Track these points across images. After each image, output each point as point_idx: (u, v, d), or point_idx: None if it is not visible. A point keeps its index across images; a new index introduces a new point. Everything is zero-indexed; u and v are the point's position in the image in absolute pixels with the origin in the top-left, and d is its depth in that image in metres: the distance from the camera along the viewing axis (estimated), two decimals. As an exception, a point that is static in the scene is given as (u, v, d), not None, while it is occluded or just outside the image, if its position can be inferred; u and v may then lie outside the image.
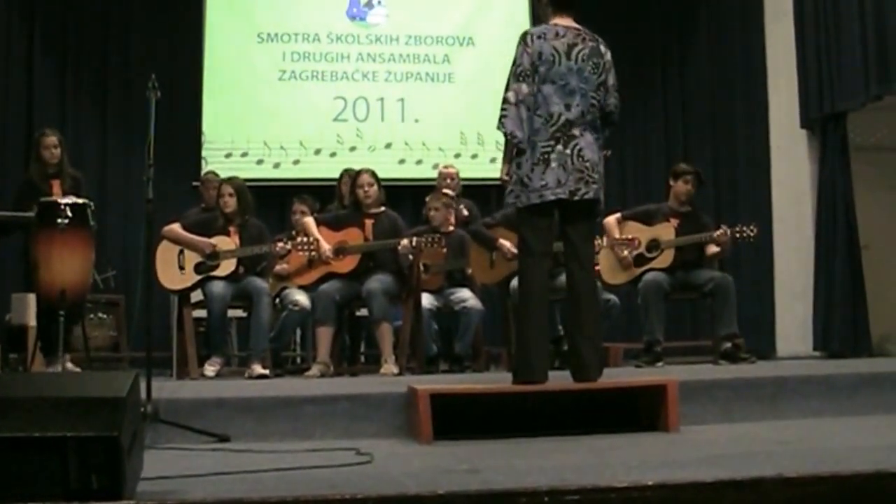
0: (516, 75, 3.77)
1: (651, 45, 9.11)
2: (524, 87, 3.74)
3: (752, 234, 5.85)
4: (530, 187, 3.72)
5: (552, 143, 3.71)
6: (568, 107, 3.74)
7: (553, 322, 5.77)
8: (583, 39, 3.82)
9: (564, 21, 3.86)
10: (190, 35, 8.31)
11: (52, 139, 5.65)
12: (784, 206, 7.58)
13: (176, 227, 5.60)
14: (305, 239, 5.54)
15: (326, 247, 5.59)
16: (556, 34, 3.79)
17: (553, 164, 3.70)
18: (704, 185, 6.16)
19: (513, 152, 3.80)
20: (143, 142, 3.75)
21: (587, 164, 3.74)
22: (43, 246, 4.60)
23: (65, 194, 5.28)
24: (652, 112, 9.05)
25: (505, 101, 3.77)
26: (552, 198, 3.70)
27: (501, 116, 3.77)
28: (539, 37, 3.79)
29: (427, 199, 6.31)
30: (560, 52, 3.75)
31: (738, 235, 5.82)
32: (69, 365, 4.94)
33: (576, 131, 3.73)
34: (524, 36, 3.83)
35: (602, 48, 3.88)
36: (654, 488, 2.10)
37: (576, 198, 3.71)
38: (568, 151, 3.71)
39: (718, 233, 5.81)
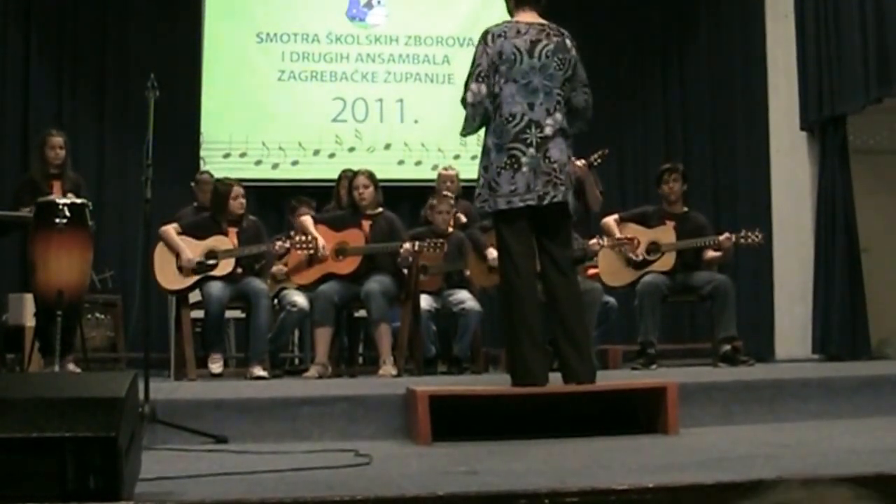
0: (476, 76, 3.67)
1: (651, 47, 9.12)
2: (483, 88, 3.65)
3: (757, 240, 5.80)
4: (498, 192, 3.62)
5: (518, 144, 3.60)
6: (531, 106, 3.63)
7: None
8: (547, 35, 3.70)
9: (528, 17, 3.74)
10: (189, 35, 8.29)
11: (59, 140, 5.62)
12: (784, 209, 7.57)
13: (170, 229, 5.57)
14: (304, 238, 5.52)
15: (324, 243, 5.57)
16: (518, 31, 3.68)
17: (524, 169, 3.59)
18: (689, 180, 6.07)
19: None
20: (141, 142, 3.74)
21: (554, 166, 3.62)
22: (41, 246, 4.59)
23: (65, 195, 5.26)
24: (651, 114, 9.05)
25: (464, 102, 3.70)
26: (521, 204, 3.60)
27: (466, 122, 3.72)
28: (500, 35, 3.68)
29: (433, 200, 6.28)
30: (522, 51, 3.64)
31: (742, 241, 5.78)
32: (70, 366, 4.92)
33: (542, 132, 3.62)
34: (484, 35, 3.72)
35: (568, 42, 3.74)
36: (654, 491, 2.09)
37: (545, 202, 3.60)
38: (535, 153, 3.60)
39: (723, 238, 5.76)
